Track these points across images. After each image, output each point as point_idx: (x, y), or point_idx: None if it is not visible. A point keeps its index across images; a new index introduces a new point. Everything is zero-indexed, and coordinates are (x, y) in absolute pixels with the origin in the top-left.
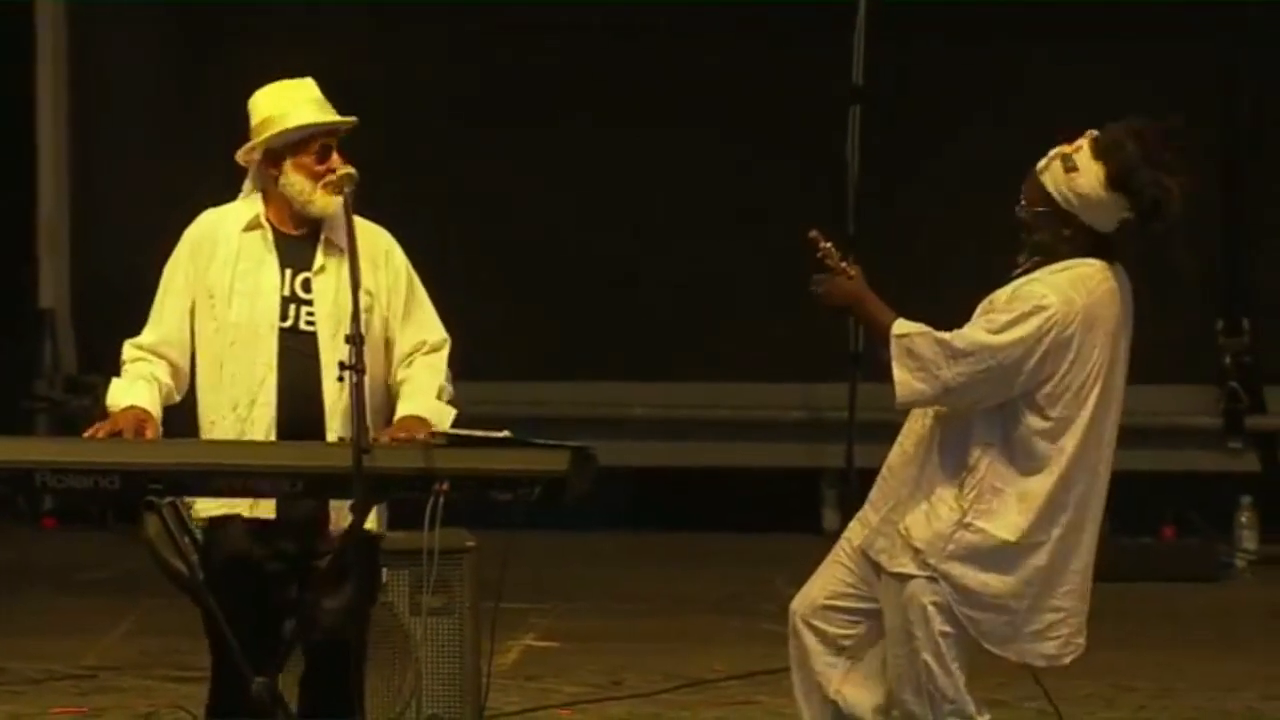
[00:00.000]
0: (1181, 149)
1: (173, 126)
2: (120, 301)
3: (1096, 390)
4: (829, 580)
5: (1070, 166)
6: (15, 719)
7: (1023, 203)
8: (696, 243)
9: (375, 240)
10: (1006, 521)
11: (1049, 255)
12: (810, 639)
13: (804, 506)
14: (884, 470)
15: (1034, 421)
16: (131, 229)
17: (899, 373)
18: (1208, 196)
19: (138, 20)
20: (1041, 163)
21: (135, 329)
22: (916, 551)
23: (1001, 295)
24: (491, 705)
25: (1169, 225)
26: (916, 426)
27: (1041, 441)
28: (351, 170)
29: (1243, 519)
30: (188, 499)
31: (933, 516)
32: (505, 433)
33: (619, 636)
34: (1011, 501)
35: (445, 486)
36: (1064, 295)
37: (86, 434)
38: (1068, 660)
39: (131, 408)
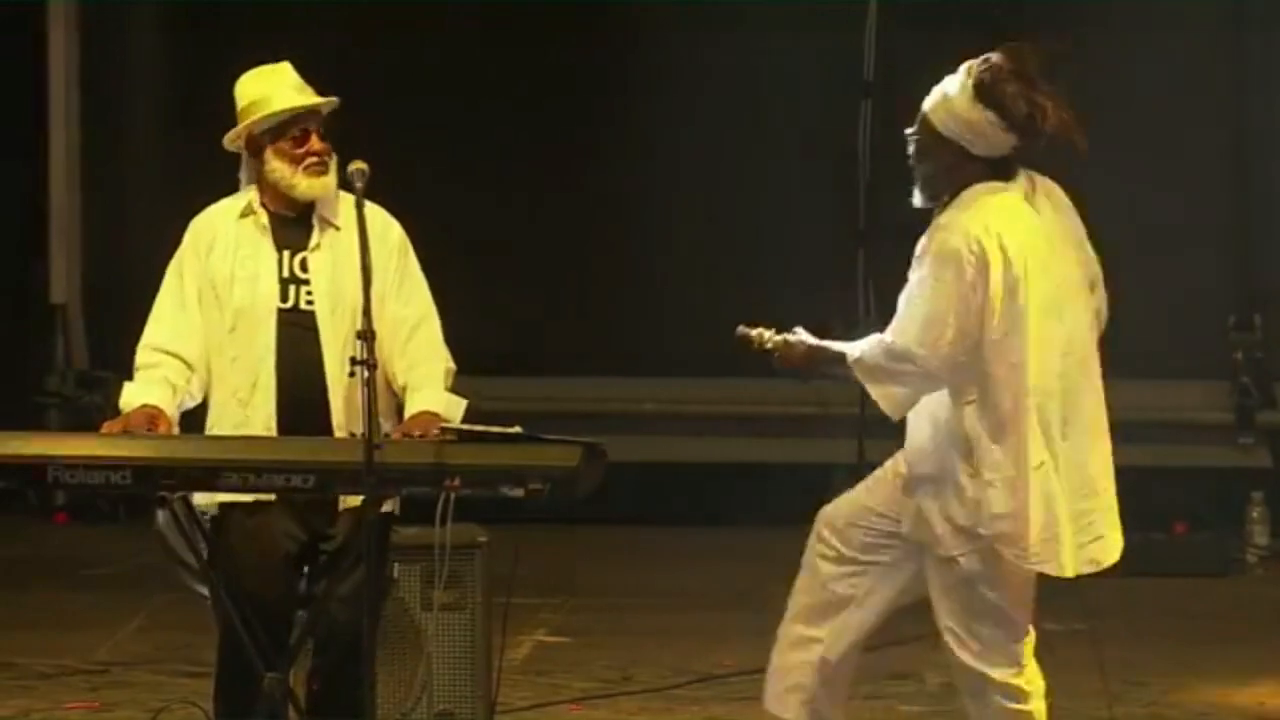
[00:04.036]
0: (1054, 68)
1: (183, 124)
2: (132, 297)
3: (1029, 306)
4: (865, 497)
5: (947, 91)
6: (27, 714)
7: (908, 134)
8: (707, 238)
9: (372, 218)
10: (1007, 458)
11: (936, 188)
12: (824, 551)
13: (815, 502)
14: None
15: (987, 352)
16: (142, 225)
17: (875, 391)
18: (1220, 193)
19: (149, 18)
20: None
21: (146, 325)
22: (960, 529)
23: (918, 249)
24: (502, 700)
25: (1050, 143)
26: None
27: (998, 368)
28: (363, 165)
29: (1254, 514)
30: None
31: (959, 494)
32: (516, 429)
33: (629, 632)
34: (1005, 438)
35: (456, 483)
36: (964, 230)
37: (101, 431)
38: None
39: (144, 406)
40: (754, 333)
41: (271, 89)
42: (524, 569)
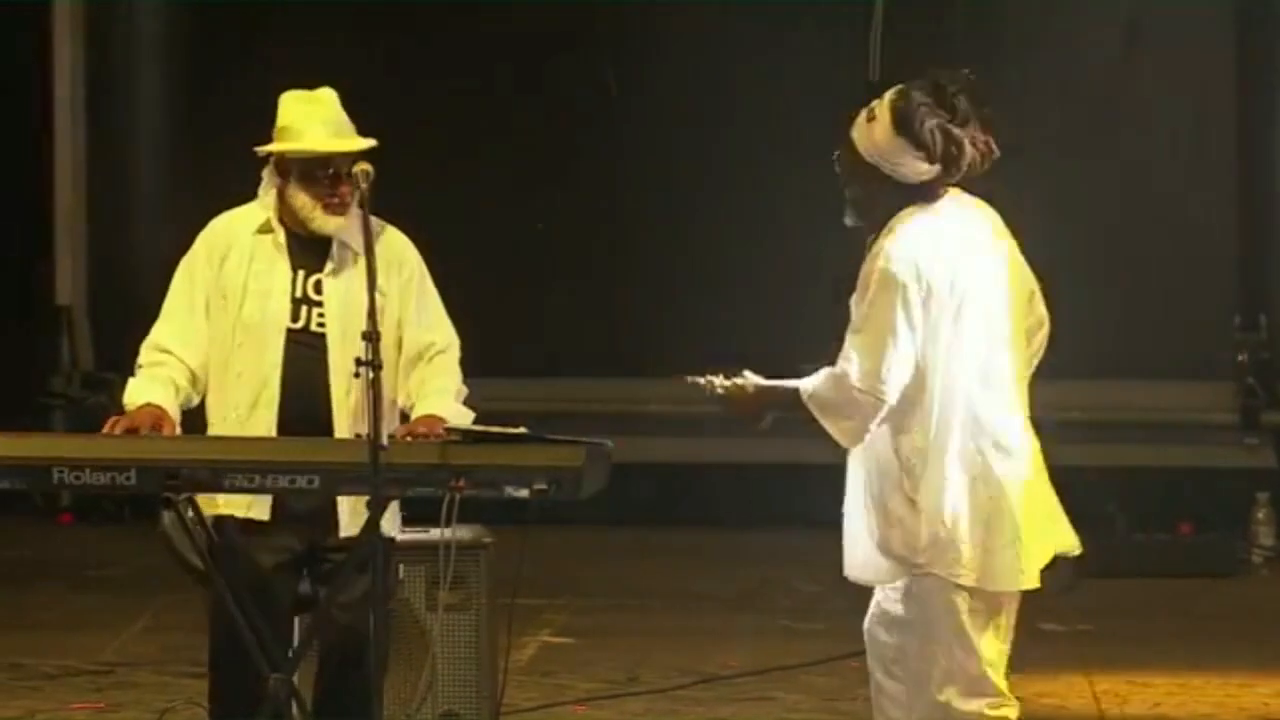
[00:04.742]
0: (977, 100)
1: (189, 124)
2: (137, 299)
3: (949, 328)
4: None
5: (870, 116)
6: (33, 714)
7: (835, 156)
8: (712, 239)
9: (390, 242)
10: (941, 479)
11: (864, 210)
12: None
13: (821, 502)
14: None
15: (925, 375)
16: (148, 226)
17: (830, 425)
18: (1225, 193)
19: (154, 19)
20: (854, 118)
21: (151, 326)
22: (899, 558)
23: (858, 286)
24: (507, 701)
25: (970, 177)
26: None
27: (934, 390)
28: (368, 167)
29: (1259, 515)
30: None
31: (897, 523)
32: (521, 429)
33: (635, 633)
34: (938, 460)
35: (461, 483)
36: (903, 257)
37: (105, 429)
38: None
39: (148, 405)
40: (703, 380)
41: (306, 121)
42: (528, 569)
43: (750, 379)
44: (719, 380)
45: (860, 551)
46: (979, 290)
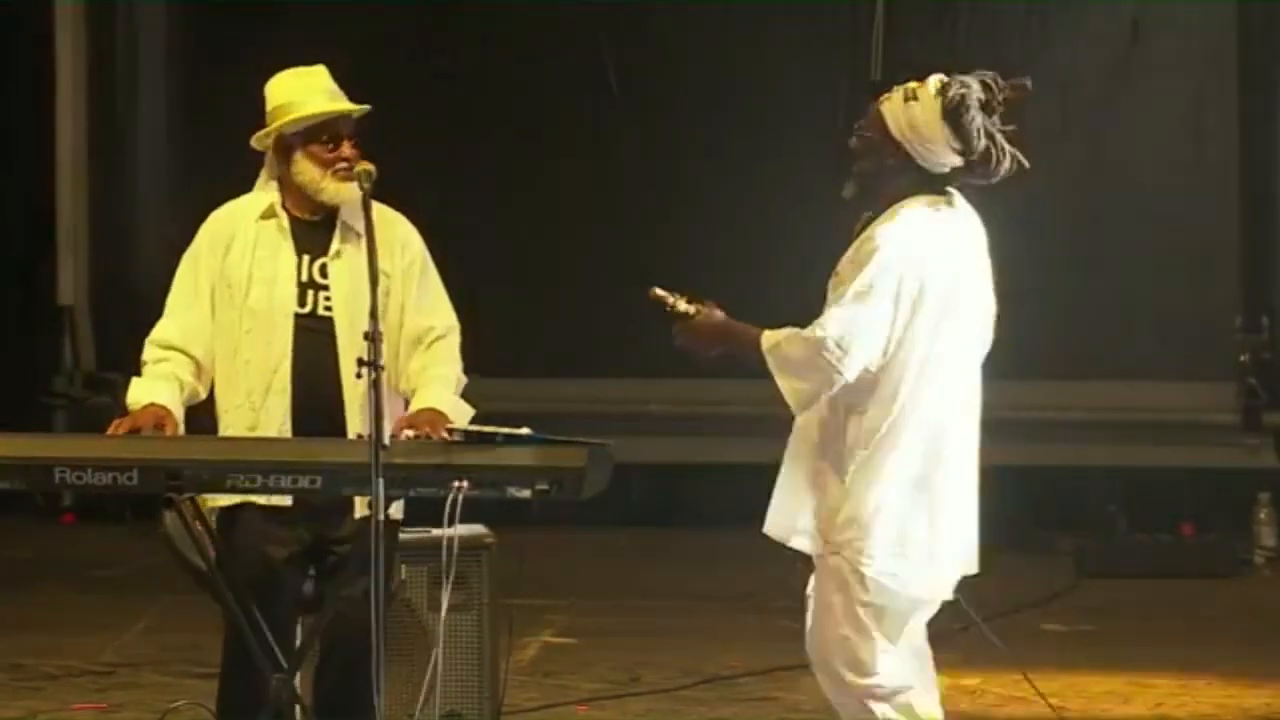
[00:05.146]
0: (1018, 104)
1: (190, 124)
2: (139, 299)
3: (931, 328)
4: None
5: (910, 96)
6: (34, 715)
7: (856, 128)
8: (713, 239)
9: (393, 226)
10: (877, 471)
11: (871, 188)
12: None
13: None
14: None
15: (892, 368)
16: (150, 227)
17: (783, 382)
18: (1226, 193)
19: (154, 19)
20: (886, 95)
21: (153, 326)
22: (820, 531)
23: (844, 263)
24: (509, 702)
25: (993, 181)
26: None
27: (896, 385)
28: (370, 166)
29: (1261, 515)
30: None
31: (825, 497)
32: (524, 429)
33: (636, 633)
34: (881, 452)
35: (464, 484)
36: (909, 248)
37: (109, 431)
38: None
39: (151, 405)
40: (669, 297)
41: (305, 92)
42: (530, 570)
43: (710, 308)
44: (684, 301)
45: (783, 510)
46: (970, 301)
